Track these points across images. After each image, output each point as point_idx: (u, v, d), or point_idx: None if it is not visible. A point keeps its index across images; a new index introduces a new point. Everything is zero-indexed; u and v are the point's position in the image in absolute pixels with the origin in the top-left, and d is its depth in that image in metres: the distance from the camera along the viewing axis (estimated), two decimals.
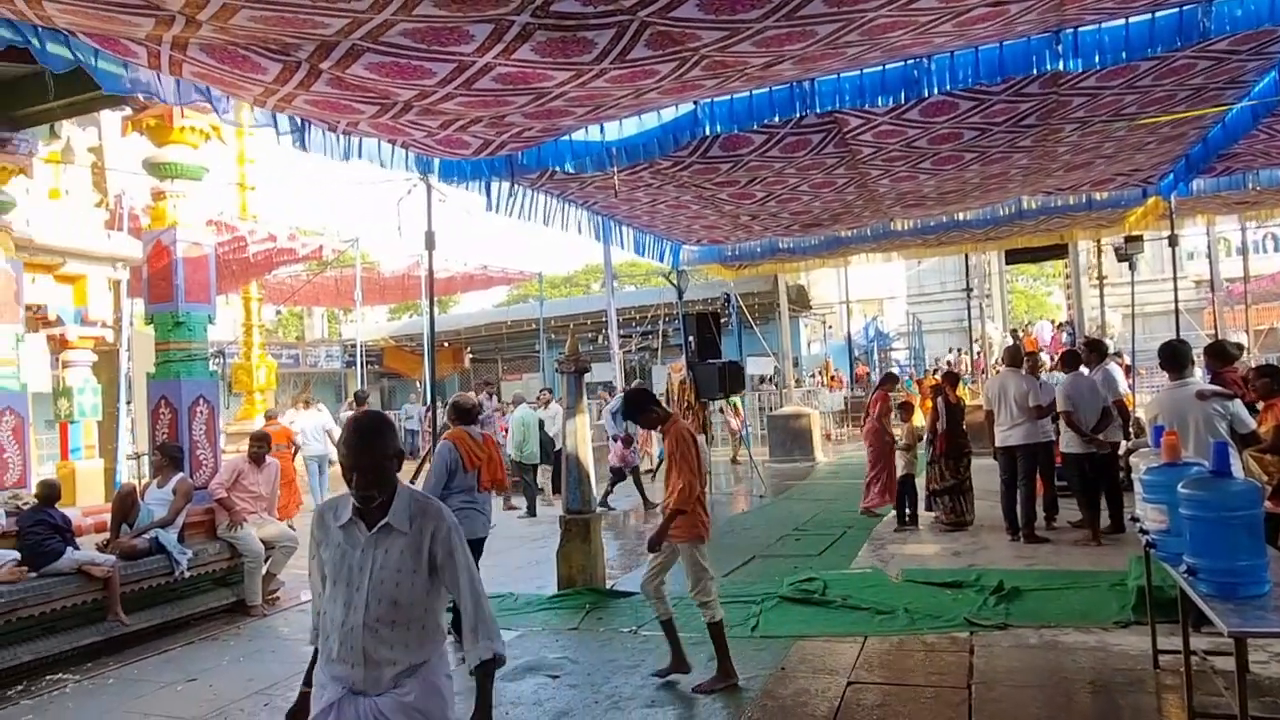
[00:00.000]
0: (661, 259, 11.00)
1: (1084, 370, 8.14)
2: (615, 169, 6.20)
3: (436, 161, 6.46)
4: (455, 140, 5.45)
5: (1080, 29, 5.00)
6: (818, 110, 5.71)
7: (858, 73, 5.46)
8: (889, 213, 10.07)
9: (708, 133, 5.96)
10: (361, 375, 21.10)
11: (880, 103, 5.60)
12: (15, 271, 8.27)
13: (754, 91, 5.61)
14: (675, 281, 11.90)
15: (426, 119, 4.85)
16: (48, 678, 5.64)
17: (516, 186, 7.12)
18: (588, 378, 7.88)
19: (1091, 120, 6.78)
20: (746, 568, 7.83)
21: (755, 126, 6.02)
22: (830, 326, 31.25)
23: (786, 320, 20.84)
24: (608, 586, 7.19)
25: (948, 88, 5.37)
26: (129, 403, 13.70)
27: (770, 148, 6.87)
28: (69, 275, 11.74)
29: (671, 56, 4.09)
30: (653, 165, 6.91)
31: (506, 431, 12.50)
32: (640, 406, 5.08)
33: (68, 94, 7.32)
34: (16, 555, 6.08)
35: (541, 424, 12.47)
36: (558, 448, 12.38)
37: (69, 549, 6.23)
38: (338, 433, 12.65)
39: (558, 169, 6.46)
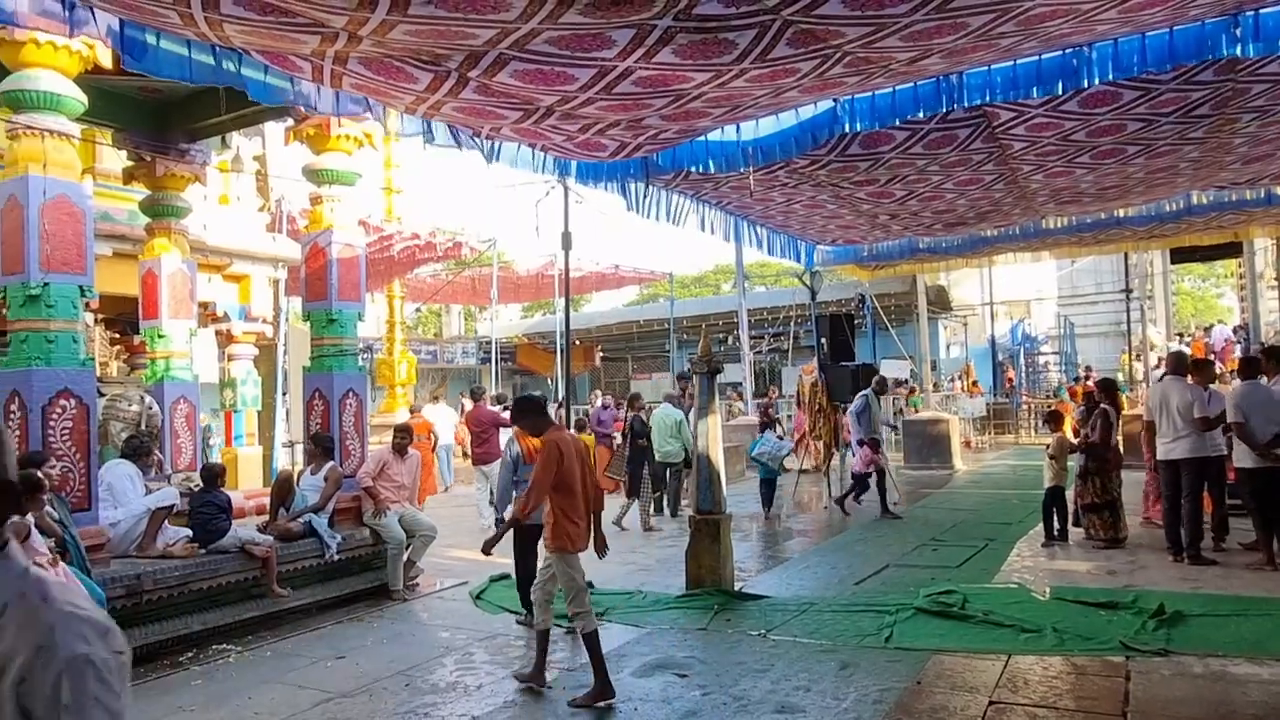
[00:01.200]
0: (795, 259, 10.84)
1: (1262, 380, 7.47)
2: (750, 169, 6.15)
3: (574, 164, 6.60)
4: (593, 143, 5.54)
5: (1261, 10, 4.59)
6: (966, 104, 5.48)
7: (1010, 64, 5.20)
8: (1041, 210, 9.56)
9: (847, 130, 5.83)
10: (496, 372, 21.77)
11: (1035, 95, 5.31)
12: (190, 271, 8.95)
13: (897, 87, 5.44)
14: (808, 282, 11.70)
15: (566, 123, 4.95)
16: (213, 647, 6.07)
17: (651, 187, 7.17)
18: (719, 378, 7.84)
19: (1273, 109, 6.22)
20: (880, 576, 7.61)
21: (898, 123, 5.84)
22: (971, 329, 29.95)
23: (925, 322, 20.12)
24: (736, 589, 7.14)
25: (1110, 78, 5.04)
26: (284, 394, 14.65)
27: (913, 144, 6.65)
28: (235, 275, 12.65)
29: (813, 54, 4.02)
30: (789, 164, 6.82)
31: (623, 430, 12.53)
32: (522, 412, 5.32)
33: (238, 107, 7.89)
34: (189, 533, 6.60)
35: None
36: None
37: (233, 529, 6.69)
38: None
39: (692, 169, 6.47)
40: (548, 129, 5.10)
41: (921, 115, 5.72)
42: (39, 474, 5.03)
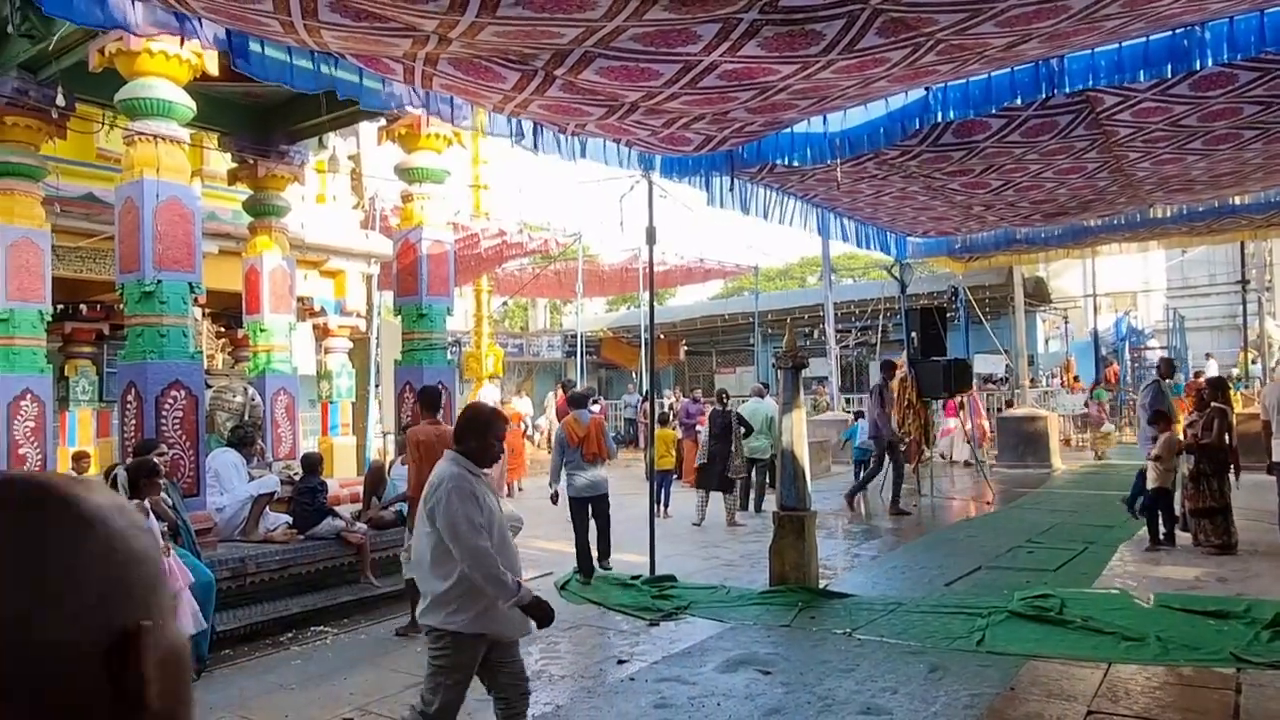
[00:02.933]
0: (884, 251, 10.61)
1: None
2: (838, 160, 6.03)
3: (658, 159, 6.60)
4: (677, 137, 5.53)
5: None
6: (1067, 90, 5.25)
7: (1115, 46, 4.96)
8: (1148, 198, 9.10)
9: (939, 119, 5.65)
10: (581, 365, 21.99)
11: (1142, 78, 5.05)
12: (289, 268, 9.32)
13: (993, 74, 5.25)
14: (898, 275, 11.43)
15: (651, 118, 4.96)
16: (312, 628, 6.33)
17: (736, 181, 7.11)
18: (804, 373, 7.75)
19: None
20: (971, 577, 7.40)
21: (994, 110, 5.64)
22: (1072, 322, 28.74)
23: (1021, 315, 19.39)
24: (821, 586, 7.05)
25: (1225, 59, 4.75)
26: (377, 386, 15.12)
27: (1010, 132, 6.41)
28: (331, 270, 13.12)
29: (904, 43, 3.91)
30: (878, 155, 6.67)
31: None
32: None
33: (334, 109, 8.17)
34: (289, 519, 6.88)
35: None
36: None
37: (330, 516, 6.95)
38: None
39: (778, 162, 6.39)
40: (632, 124, 5.12)
41: (1019, 102, 5.51)
42: (154, 460, 5.32)
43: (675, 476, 11.65)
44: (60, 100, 7.31)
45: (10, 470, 5.75)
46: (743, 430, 10.76)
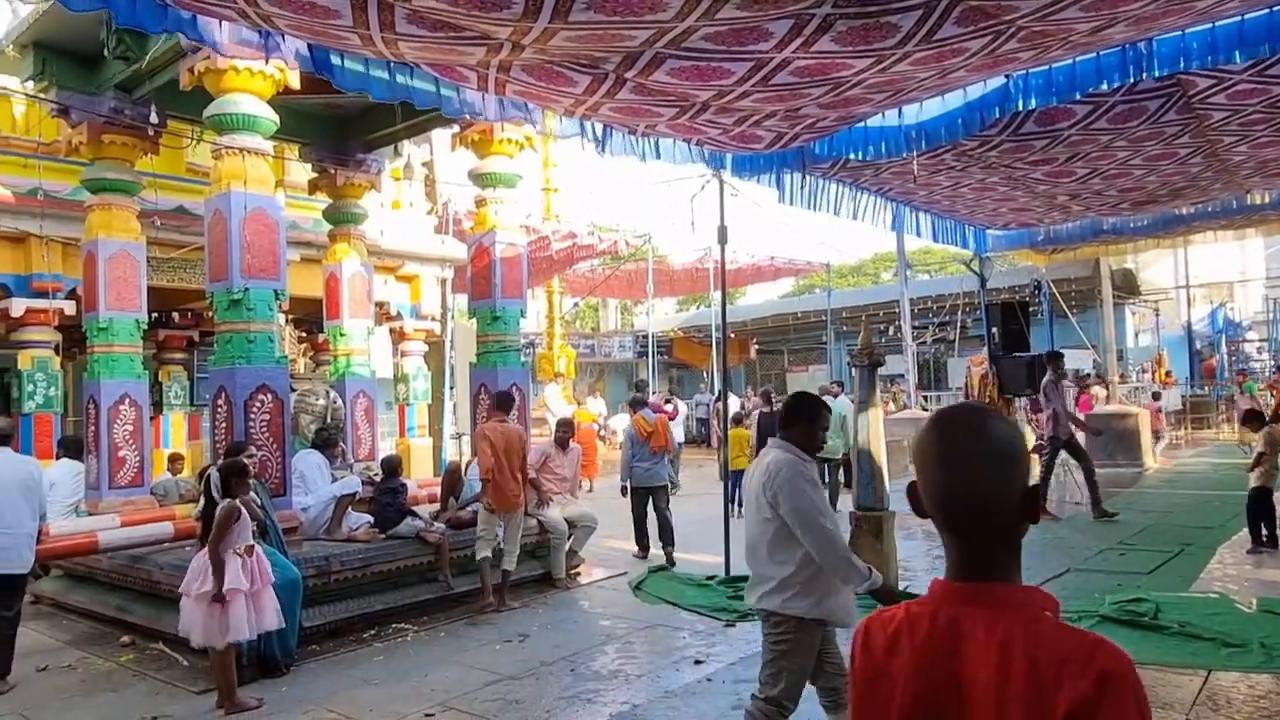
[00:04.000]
0: (962, 245, 10.34)
1: None
2: (914, 153, 5.90)
3: (729, 157, 6.56)
4: (748, 135, 5.48)
5: None
6: (1156, 74, 5.04)
7: (1208, 27, 4.73)
8: (1245, 184, 8.67)
9: (1020, 108, 5.48)
10: (652, 365, 22.04)
11: (1237, 59, 4.81)
12: (368, 273, 9.56)
13: (1077, 59, 5.06)
14: (977, 269, 11.13)
15: (722, 117, 4.92)
16: (393, 625, 6.48)
17: (808, 177, 7.02)
18: (881, 370, 7.60)
19: None
20: (1059, 580, 7.15)
21: (1078, 97, 5.44)
22: (1163, 315, 27.57)
23: (1109, 308, 18.71)
24: (901, 589, 6.90)
25: None
26: (452, 388, 15.41)
27: (1095, 119, 6.18)
28: (407, 275, 13.42)
29: (984, 31, 3.80)
30: (956, 147, 6.50)
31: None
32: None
33: (410, 118, 8.35)
34: (370, 519, 7.06)
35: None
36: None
37: (410, 517, 7.10)
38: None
39: (851, 157, 6.28)
40: (703, 123, 5.09)
41: (1105, 88, 5.30)
42: (244, 461, 5.52)
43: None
44: (154, 118, 7.65)
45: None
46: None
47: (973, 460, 1.26)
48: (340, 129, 9.20)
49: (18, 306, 9.92)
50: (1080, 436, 10.63)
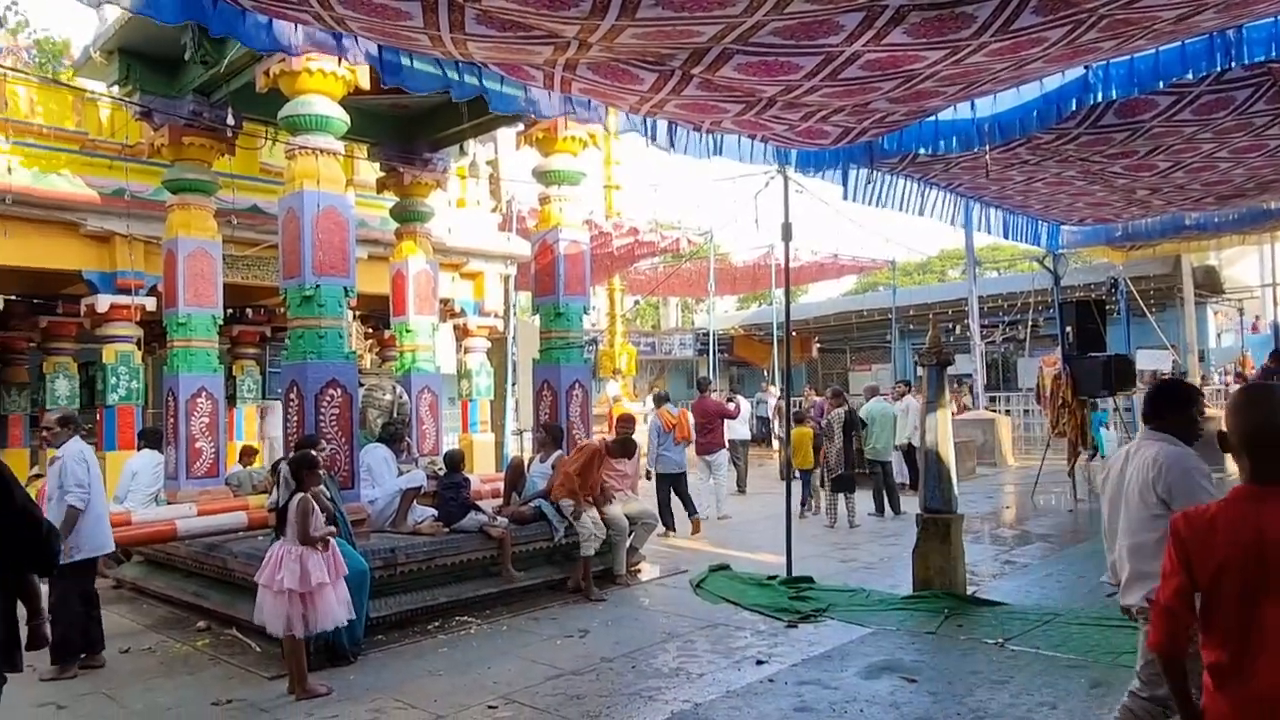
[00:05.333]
0: (1034, 242, 10.05)
1: None
2: (987, 147, 5.74)
3: (794, 153, 6.48)
4: (815, 130, 5.40)
5: None
6: (1245, 61, 4.80)
7: None
8: None
9: (1100, 99, 5.29)
10: (713, 363, 21.95)
11: None
12: (433, 271, 9.70)
13: (1161, 48, 4.86)
14: (1051, 266, 10.80)
15: (788, 112, 4.86)
16: (456, 618, 6.55)
17: (875, 172, 6.89)
18: (949, 370, 7.43)
19: None
20: None
21: (1162, 87, 5.22)
22: (1249, 314, 26.37)
23: (1191, 307, 17.97)
24: (968, 593, 6.76)
25: None
26: (514, 384, 15.57)
27: (1179, 110, 5.93)
28: (471, 272, 13.60)
29: (1064, 20, 3.67)
30: (1030, 140, 6.30)
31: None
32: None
33: (476, 117, 8.45)
34: (434, 513, 7.16)
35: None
36: (900, 442, 11.87)
37: (473, 511, 7.19)
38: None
39: (921, 151, 6.15)
40: (769, 119, 5.04)
41: (1191, 77, 5.09)
42: (313, 454, 5.65)
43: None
44: (230, 120, 7.89)
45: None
46: (861, 427, 10.59)
47: (1272, 408, 2.10)
48: (408, 129, 9.36)
49: (103, 302, 10.34)
50: None
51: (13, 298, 11.52)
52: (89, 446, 5.99)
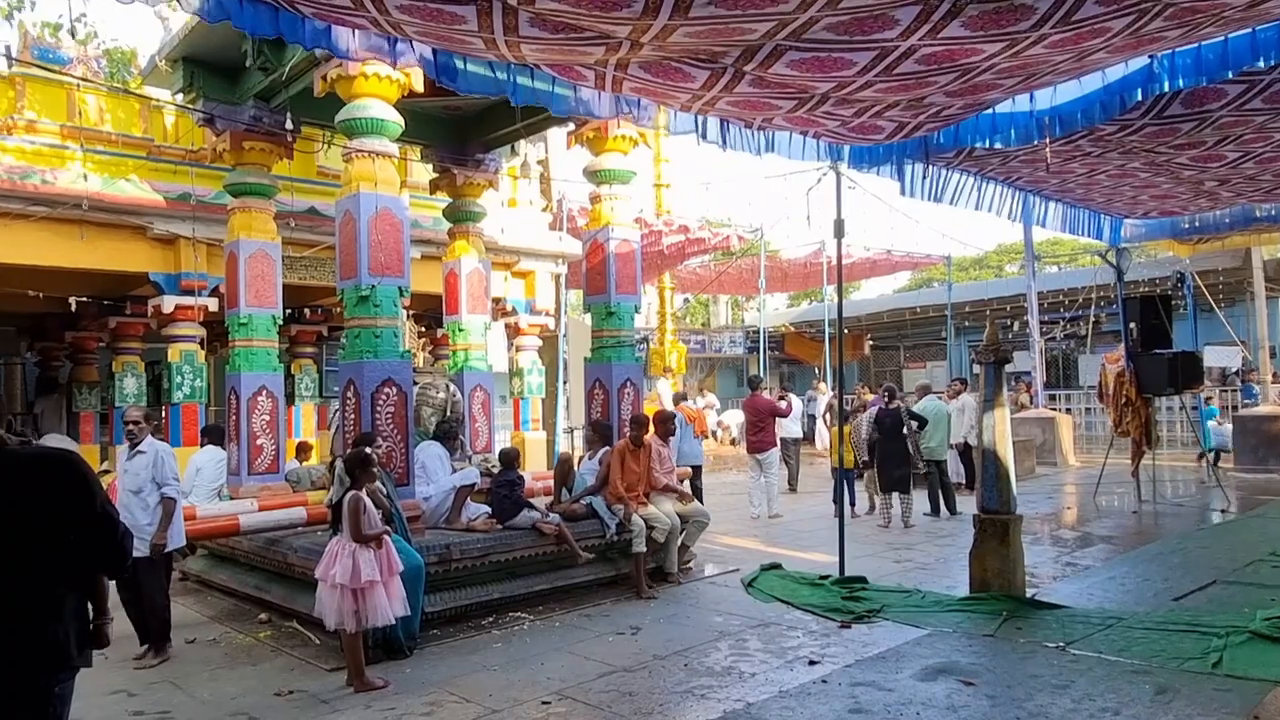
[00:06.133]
0: (1096, 236, 9.79)
1: None
2: (1047, 140, 5.61)
3: (847, 149, 6.41)
4: (869, 126, 5.34)
5: None
6: None
7: None
8: None
9: (1166, 89, 5.12)
10: (764, 361, 21.81)
11: None
12: (485, 270, 9.79)
13: (1230, 35, 4.70)
14: (1113, 260, 10.50)
15: (841, 108, 4.81)
16: (510, 614, 6.62)
17: (931, 167, 6.78)
18: (1008, 367, 7.28)
19: None
20: (1205, 592, 6.70)
21: (1231, 76, 5.05)
22: None
23: (1263, 302, 17.28)
24: (1028, 595, 6.62)
25: None
26: (565, 382, 15.67)
27: (1250, 99, 5.72)
28: (522, 271, 13.72)
29: (1127, 10, 3.57)
30: (1092, 132, 6.14)
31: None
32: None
33: (527, 117, 8.52)
34: (488, 509, 7.24)
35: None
36: (957, 441, 11.67)
37: (526, 508, 7.25)
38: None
39: (978, 145, 6.03)
40: (821, 115, 4.99)
41: (1261, 65, 4.90)
42: (369, 451, 5.75)
43: (858, 475, 11.35)
44: (289, 124, 8.07)
45: None
46: (915, 426, 10.41)
47: None
48: (460, 130, 9.47)
49: (168, 303, 10.66)
50: None
51: (84, 299, 11.93)
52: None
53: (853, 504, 11.03)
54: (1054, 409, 18.40)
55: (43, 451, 2.63)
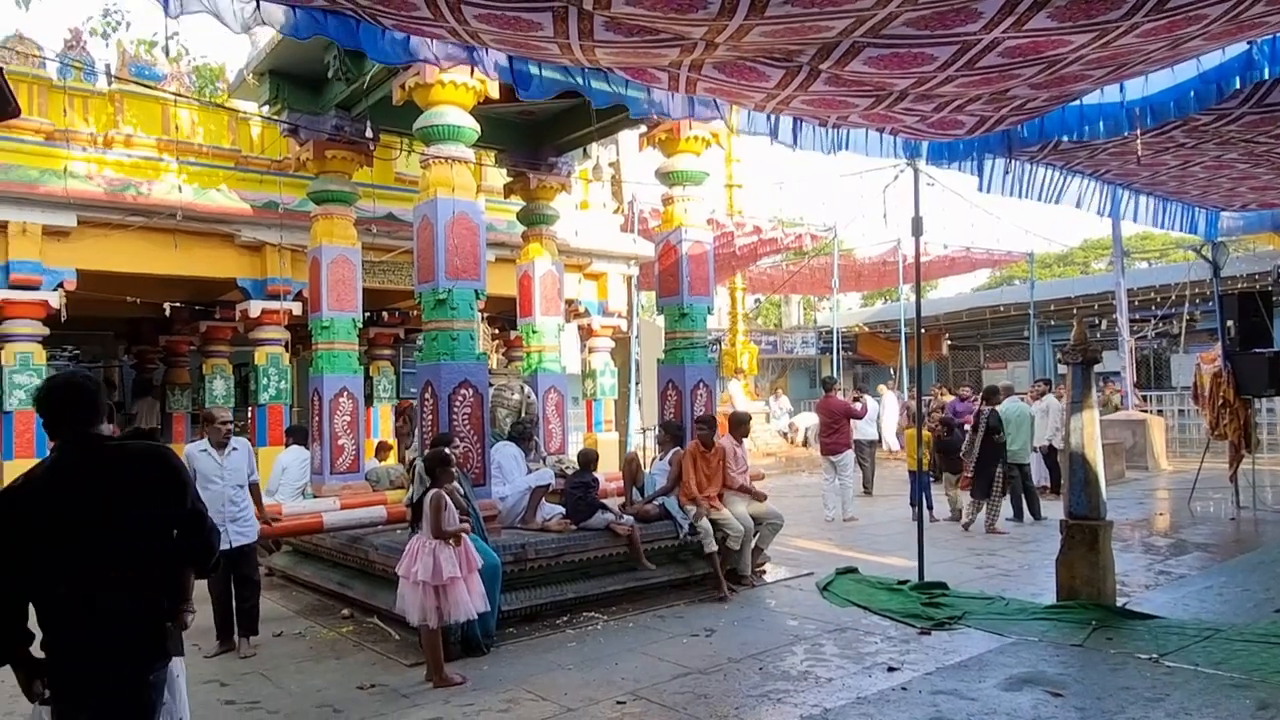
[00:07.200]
0: (1190, 230, 9.36)
1: None
2: (1138, 131, 5.38)
3: (925, 145, 6.27)
4: (949, 121, 5.21)
5: None
6: None
7: None
8: None
9: (1266, 76, 4.87)
10: (837, 361, 21.51)
11: None
12: (558, 272, 9.88)
13: None
14: (1209, 255, 10.04)
15: (920, 104, 4.71)
16: (584, 614, 6.66)
17: (1013, 162, 6.58)
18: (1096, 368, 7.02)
19: None
20: None
21: None
22: None
23: None
24: (1118, 604, 6.37)
25: None
26: (637, 384, 15.70)
27: None
28: (594, 273, 13.80)
29: None
30: (1186, 122, 5.87)
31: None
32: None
33: (600, 120, 8.57)
34: (562, 510, 7.31)
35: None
36: (1041, 443, 11.30)
37: (600, 510, 7.29)
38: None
39: (1064, 138, 5.82)
40: (899, 112, 4.89)
41: None
42: (447, 451, 5.86)
43: (932, 478, 11.07)
44: (369, 132, 8.28)
45: None
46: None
47: None
48: (533, 134, 9.58)
49: (255, 308, 11.05)
50: None
51: (177, 304, 12.44)
52: None
53: (929, 507, 10.79)
54: (1145, 411, 17.68)
55: (146, 447, 2.75)
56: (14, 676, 2.60)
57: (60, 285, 9.78)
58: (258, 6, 3.68)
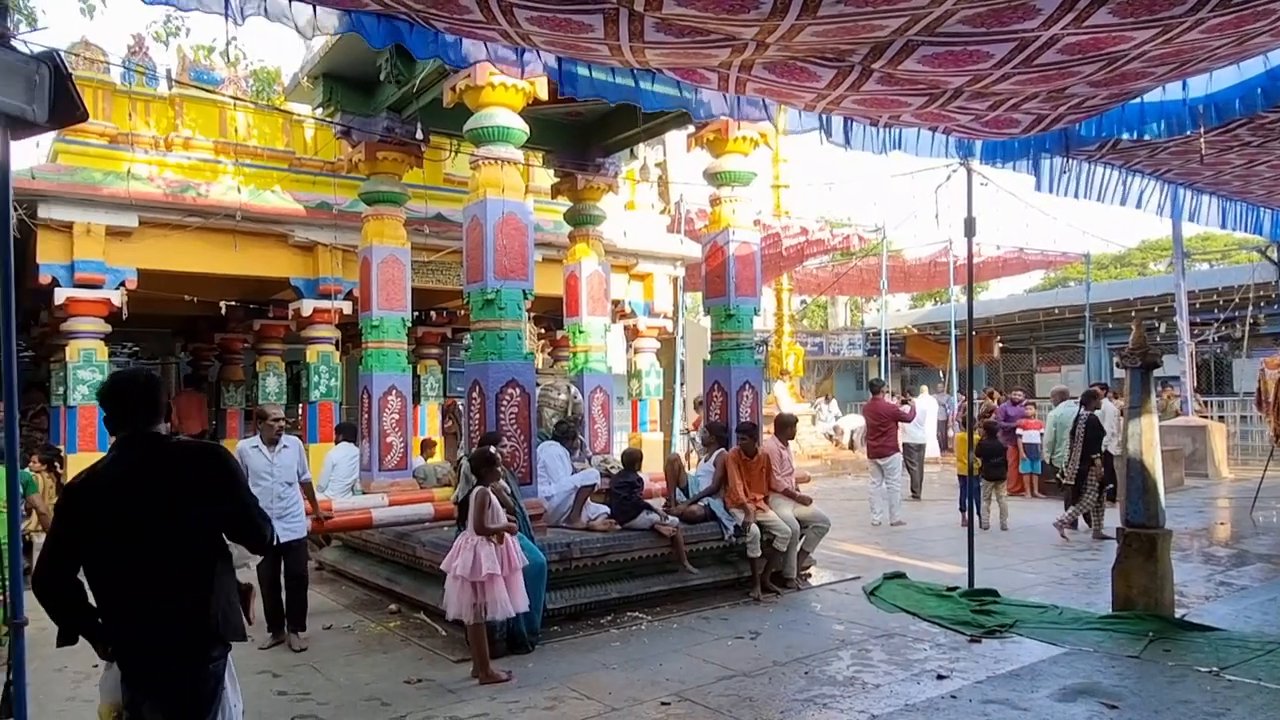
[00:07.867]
0: (1254, 231, 9.07)
1: None
2: (1201, 129, 5.23)
3: (978, 144, 6.16)
4: (1004, 120, 5.11)
5: None
6: None
7: None
8: None
9: None
10: (885, 363, 21.23)
11: None
12: (605, 273, 9.91)
13: None
14: (1274, 256, 9.72)
15: (975, 102, 4.62)
16: (628, 614, 6.67)
17: (1070, 161, 6.44)
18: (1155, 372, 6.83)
19: None
20: None
21: None
22: None
23: None
24: (1177, 615, 6.20)
25: None
26: (682, 384, 15.68)
27: None
28: (640, 274, 13.82)
29: None
30: (1253, 120, 5.68)
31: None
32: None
33: (647, 121, 8.58)
34: (607, 510, 7.32)
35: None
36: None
37: (645, 510, 7.29)
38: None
39: (1124, 137, 5.67)
40: (953, 110, 4.80)
41: None
42: (494, 450, 5.91)
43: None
44: (419, 134, 8.39)
45: None
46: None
47: None
48: (581, 135, 9.62)
49: (307, 307, 11.27)
50: None
51: (232, 303, 12.74)
52: None
53: (977, 512, 10.59)
54: (1206, 416, 17.18)
55: (200, 443, 2.85)
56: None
57: (122, 284, 10.08)
58: (314, 13, 3.75)
